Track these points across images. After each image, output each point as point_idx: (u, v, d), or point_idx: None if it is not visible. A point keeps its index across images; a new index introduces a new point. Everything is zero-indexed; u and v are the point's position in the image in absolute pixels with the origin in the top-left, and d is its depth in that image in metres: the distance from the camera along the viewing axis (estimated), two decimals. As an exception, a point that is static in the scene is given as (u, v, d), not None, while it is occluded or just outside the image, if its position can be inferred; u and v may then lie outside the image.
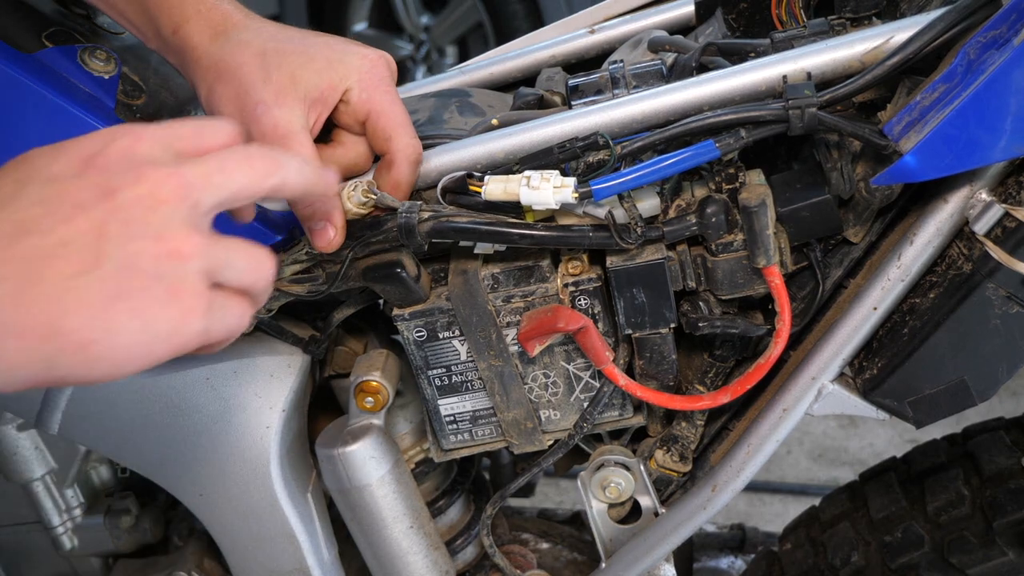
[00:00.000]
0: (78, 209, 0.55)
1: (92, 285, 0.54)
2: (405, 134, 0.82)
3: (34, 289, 0.53)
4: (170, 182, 0.57)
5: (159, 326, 0.57)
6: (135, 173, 0.57)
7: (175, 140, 0.61)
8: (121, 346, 0.56)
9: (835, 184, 0.82)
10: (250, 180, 0.62)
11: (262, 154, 0.64)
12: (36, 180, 0.56)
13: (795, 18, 0.91)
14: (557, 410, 0.94)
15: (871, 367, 0.87)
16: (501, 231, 0.81)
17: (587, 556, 1.18)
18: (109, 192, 0.56)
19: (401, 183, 0.83)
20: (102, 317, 0.55)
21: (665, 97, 0.81)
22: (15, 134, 0.84)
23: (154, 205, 0.57)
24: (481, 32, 3.62)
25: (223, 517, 1.02)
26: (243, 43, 0.79)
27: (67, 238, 0.54)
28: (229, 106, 0.79)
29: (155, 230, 0.56)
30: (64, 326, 0.54)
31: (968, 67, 0.73)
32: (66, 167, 0.57)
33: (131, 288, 0.55)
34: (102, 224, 0.55)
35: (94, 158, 0.58)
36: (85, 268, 0.54)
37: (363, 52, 0.82)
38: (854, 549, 1.07)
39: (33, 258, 0.54)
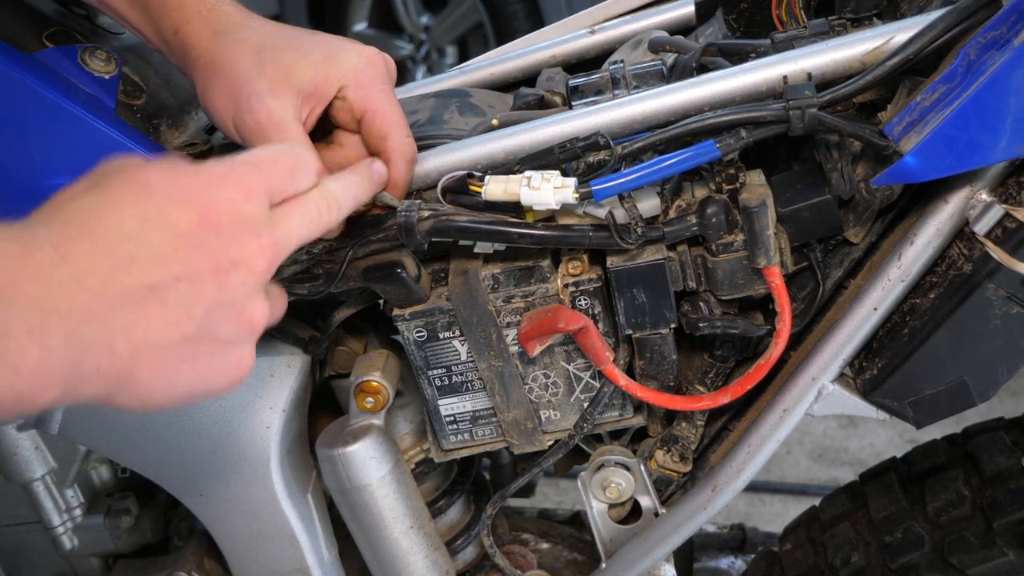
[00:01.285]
0: (185, 270, 0.57)
1: (172, 348, 0.57)
2: (400, 133, 0.82)
3: (122, 342, 0.55)
4: (265, 255, 0.61)
5: (213, 383, 0.61)
6: (239, 241, 0.60)
7: (274, 190, 0.64)
8: (173, 396, 0.59)
9: (835, 184, 0.82)
10: (319, 231, 0.67)
11: (329, 205, 0.68)
12: (156, 223, 0.57)
13: (795, 18, 0.91)
14: (557, 410, 0.94)
15: (871, 367, 0.87)
16: (501, 230, 0.81)
17: (587, 556, 1.18)
18: (214, 256, 0.58)
19: (398, 182, 0.83)
20: (170, 377, 0.58)
21: (665, 97, 0.81)
22: (16, 134, 0.84)
23: (248, 277, 0.60)
24: (481, 32, 3.61)
25: (223, 517, 1.02)
26: (241, 40, 0.80)
27: (167, 298, 0.56)
28: (223, 99, 0.80)
29: (241, 301, 0.60)
30: (134, 378, 0.56)
31: (968, 68, 0.73)
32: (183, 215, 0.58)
33: (202, 352, 0.59)
34: (202, 288, 0.58)
35: (207, 211, 0.59)
36: (176, 329, 0.57)
37: (361, 50, 0.82)
38: (854, 549, 1.07)
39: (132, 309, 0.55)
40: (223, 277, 0.59)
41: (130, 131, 0.85)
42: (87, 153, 0.84)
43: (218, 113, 0.81)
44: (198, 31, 0.80)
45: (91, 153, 0.84)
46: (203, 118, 0.98)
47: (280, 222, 0.63)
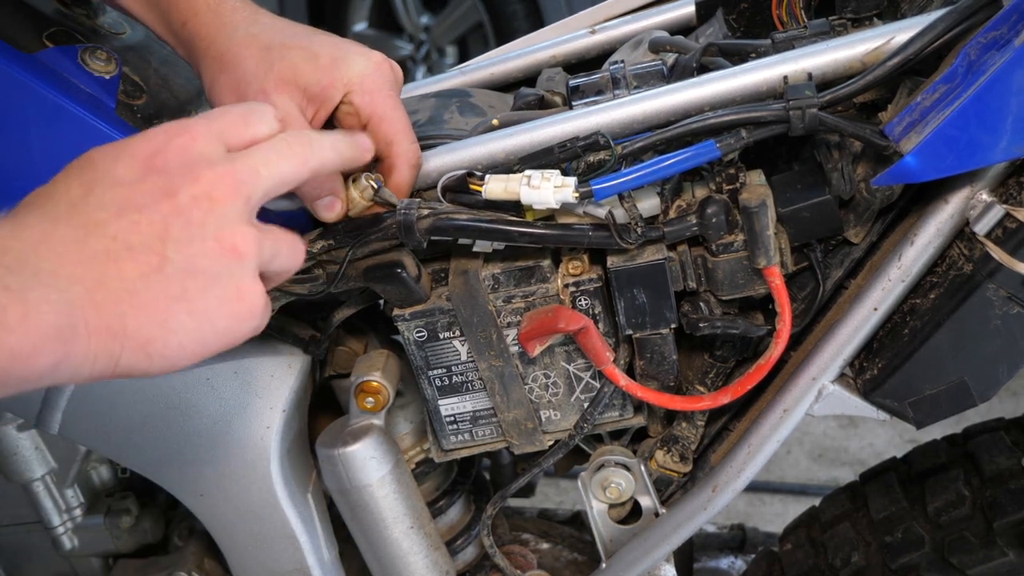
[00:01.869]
0: (141, 213, 0.58)
1: (154, 287, 0.57)
2: (406, 139, 0.82)
3: (102, 290, 0.56)
4: (225, 181, 0.61)
5: (217, 324, 0.60)
6: (192, 174, 0.60)
7: (225, 134, 0.64)
8: (177, 344, 0.59)
9: (836, 185, 0.82)
10: (293, 167, 0.66)
11: (299, 140, 0.67)
12: (101, 183, 0.59)
13: (796, 19, 0.91)
14: (557, 410, 0.94)
15: (871, 367, 0.87)
16: (501, 229, 0.81)
17: (587, 556, 1.18)
18: (169, 194, 0.59)
19: (401, 186, 0.83)
20: (163, 317, 0.58)
21: (666, 97, 0.81)
22: (16, 134, 0.84)
23: (211, 206, 0.60)
24: (481, 32, 3.61)
25: (223, 517, 1.02)
26: (250, 36, 0.80)
27: (132, 241, 0.57)
28: (230, 95, 0.80)
29: (214, 230, 0.59)
30: (128, 326, 0.56)
31: (969, 68, 0.73)
32: (128, 169, 0.59)
33: (191, 289, 0.58)
34: (164, 227, 0.58)
35: (153, 158, 0.60)
36: (149, 270, 0.57)
37: (368, 55, 0.82)
38: (854, 549, 1.07)
39: (101, 260, 0.56)
40: (185, 212, 0.59)
41: (130, 131, 0.85)
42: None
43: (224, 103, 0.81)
44: (207, 24, 0.80)
45: (91, 153, 0.84)
46: (203, 118, 0.98)
47: (239, 157, 0.63)
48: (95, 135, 0.84)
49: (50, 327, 0.53)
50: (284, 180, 0.65)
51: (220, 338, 0.61)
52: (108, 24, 0.96)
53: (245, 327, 0.61)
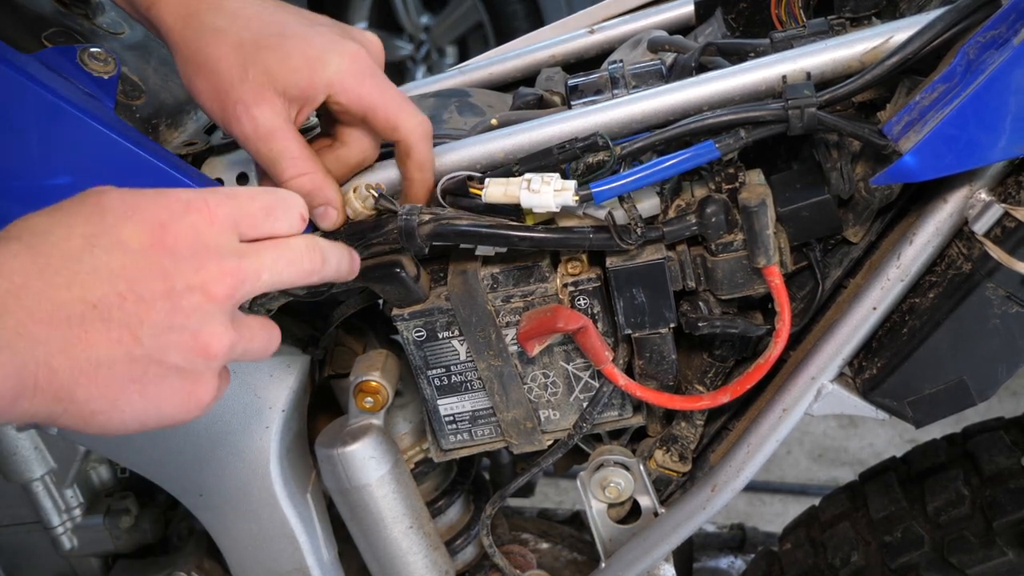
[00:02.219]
0: (132, 288, 0.57)
1: (117, 367, 0.56)
2: (410, 116, 0.80)
3: (63, 357, 0.54)
4: (225, 281, 0.60)
5: (164, 409, 0.59)
6: (196, 263, 0.59)
7: (245, 224, 0.63)
8: (119, 420, 0.58)
9: (835, 184, 0.82)
10: (294, 277, 0.65)
11: (311, 253, 0.67)
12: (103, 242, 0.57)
13: (795, 18, 0.91)
14: (556, 410, 0.94)
15: (871, 367, 0.87)
16: (502, 234, 0.81)
17: (587, 556, 1.18)
18: (166, 277, 0.58)
19: (424, 163, 0.82)
20: (114, 398, 0.57)
21: (665, 97, 0.81)
22: (15, 134, 0.83)
23: (202, 301, 0.59)
24: (481, 32, 3.61)
25: (223, 517, 1.02)
26: (219, 31, 0.76)
27: (111, 314, 0.56)
28: (210, 102, 0.78)
29: (195, 325, 0.58)
30: (78, 396, 0.55)
31: (967, 67, 0.73)
32: (135, 235, 0.58)
33: (151, 375, 0.58)
34: (148, 309, 0.57)
35: (164, 231, 0.58)
36: (118, 349, 0.56)
37: (343, 49, 0.78)
38: (854, 549, 1.07)
39: (74, 325, 0.55)
40: (175, 299, 0.58)
41: (129, 131, 0.84)
42: (86, 153, 0.84)
43: (206, 109, 0.79)
44: (171, 11, 0.77)
45: (90, 153, 0.84)
46: (202, 118, 0.98)
47: (249, 255, 0.62)
48: (94, 135, 0.84)
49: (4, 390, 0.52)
50: (278, 285, 0.65)
51: (159, 422, 0.60)
52: (107, 24, 0.96)
53: (186, 418, 0.61)
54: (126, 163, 0.84)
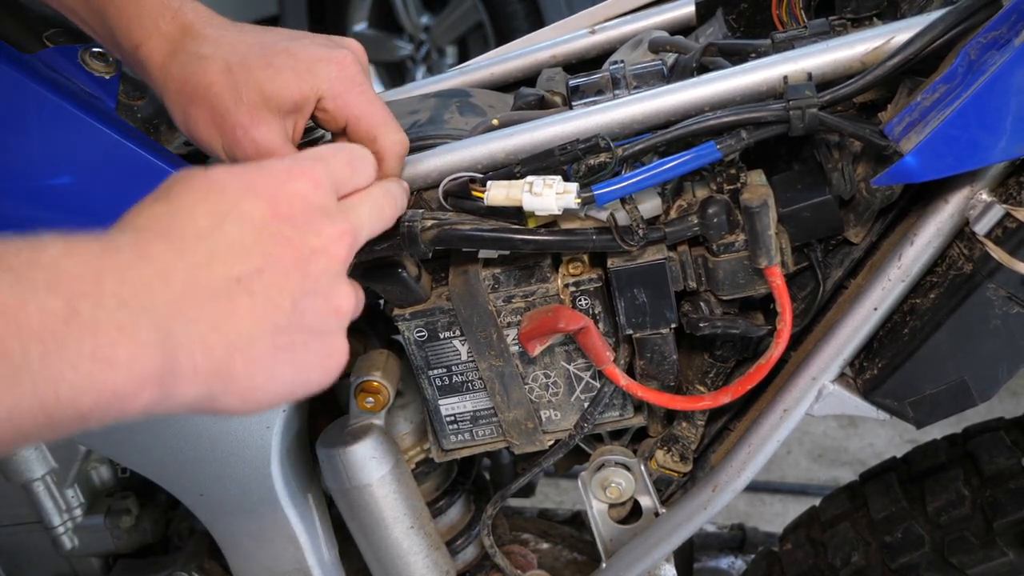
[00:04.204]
0: (267, 259, 0.58)
1: (267, 338, 0.57)
2: (390, 131, 0.82)
3: (216, 335, 0.55)
4: (343, 240, 0.62)
5: (310, 376, 0.61)
6: (314, 227, 0.61)
7: (338, 182, 0.66)
8: (273, 392, 0.59)
9: (836, 184, 0.82)
10: (384, 223, 0.70)
11: (389, 195, 0.71)
12: (231, 217, 0.58)
13: (796, 18, 0.91)
14: (558, 410, 0.94)
15: (871, 367, 0.87)
16: (505, 238, 0.81)
17: (587, 556, 1.18)
18: (293, 245, 0.59)
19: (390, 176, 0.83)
20: (268, 367, 0.58)
21: (666, 98, 0.81)
22: (16, 134, 0.84)
23: (328, 263, 0.61)
24: (481, 32, 3.61)
25: (223, 517, 1.02)
26: (205, 59, 0.77)
27: (254, 288, 0.57)
28: (207, 130, 0.78)
29: (325, 286, 0.60)
30: (236, 372, 0.56)
31: (969, 68, 0.73)
32: (255, 207, 0.59)
33: (299, 342, 0.59)
34: (285, 277, 0.58)
35: (277, 201, 0.60)
36: (265, 319, 0.57)
37: (330, 56, 0.80)
38: (854, 549, 1.07)
39: (221, 302, 0.55)
40: (305, 266, 0.59)
41: (131, 131, 0.85)
42: (88, 154, 0.84)
43: (205, 142, 0.79)
44: (158, 49, 0.78)
45: (92, 154, 0.84)
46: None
47: (351, 211, 0.65)
48: (95, 136, 0.84)
49: (156, 370, 0.51)
50: (377, 229, 0.68)
51: (307, 389, 0.61)
52: (108, 24, 0.96)
53: (329, 379, 0.62)
54: (127, 163, 0.84)
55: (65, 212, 0.85)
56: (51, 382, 0.47)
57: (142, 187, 0.85)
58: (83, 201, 0.85)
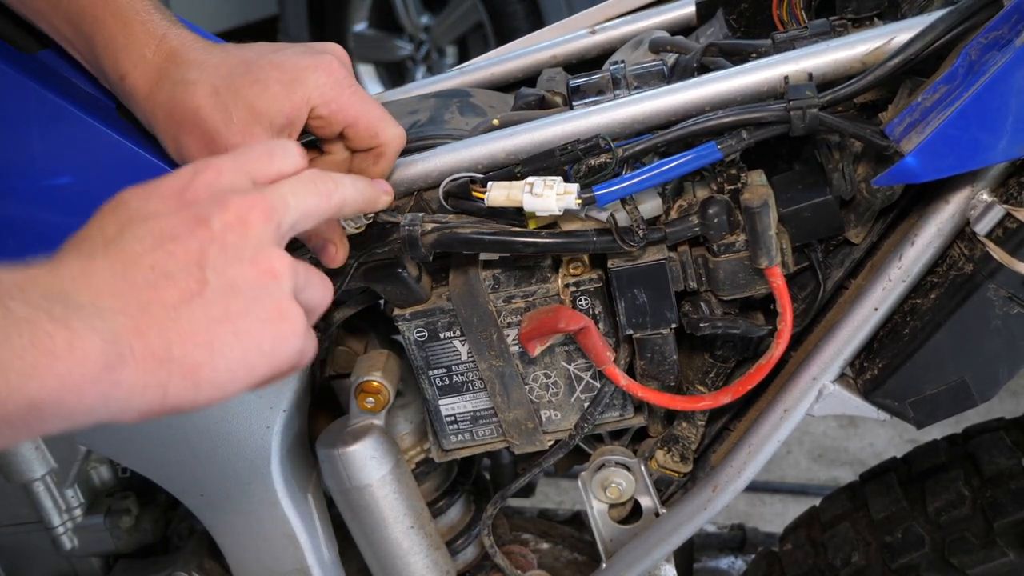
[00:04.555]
0: (177, 242, 0.58)
1: (196, 311, 0.57)
2: (389, 126, 0.82)
3: (145, 317, 0.55)
4: (256, 207, 0.61)
5: (262, 345, 0.60)
6: (222, 203, 0.61)
7: (252, 169, 0.65)
8: (225, 368, 0.58)
9: (836, 185, 0.82)
10: (318, 200, 0.67)
11: (323, 176, 0.69)
12: (135, 219, 0.59)
13: (796, 19, 0.91)
14: (558, 410, 0.94)
15: (872, 368, 0.87)
16: (506, 241, 0.81)
17: (587, 556, 1.18)
18: (202, 222, 0.59)
19: (388, 171, 0.84)
20: (207, 341, 0.57)
21: (666, 98, 0.81)
22: (16, 134, 0.83)
23: (245, 230, 0.60)
24: (481, 32, 3.61)
25: (223, 517, 1.02)
26: (191, 84, 0.77)
27: (170, 269, 0.57)
28: (201, 155, 0.78)
29: (250, 253, 0.60)
30: (174, 352, 0.56)
31: (969, 68, 0.73)
32: (159, 204, 0.60)
33: (233, 310, 0.59)
34: (200, 252, 0.59)
35: (183, 193, 0.61)
36: (190, 295, 0.57)
37: (316, 65, 0.79)
38: (854, 549, 1.07)
39: (141, 289, 0.56)
40: (220, 238, 0.59)
41: (131, 131, 0.84)
42: (88, 154, 0.84)
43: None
44: (144, 80, 0.79)
45: (92, 153, 0.84)
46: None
47: (268, 189, 0.64)
48: (96, 136, 0.84)
49: (98, 354, 0.53)
50: (310, 212, 0.66)
51: (267, 361, 0.60)
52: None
53: (289, 347, 0.61)
54: (127, 163, 0.84)
55: (65, 212, 0.85)
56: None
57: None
58: (83, 201, 0.85)
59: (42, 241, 0.86)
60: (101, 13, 0.79)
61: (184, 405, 0.58)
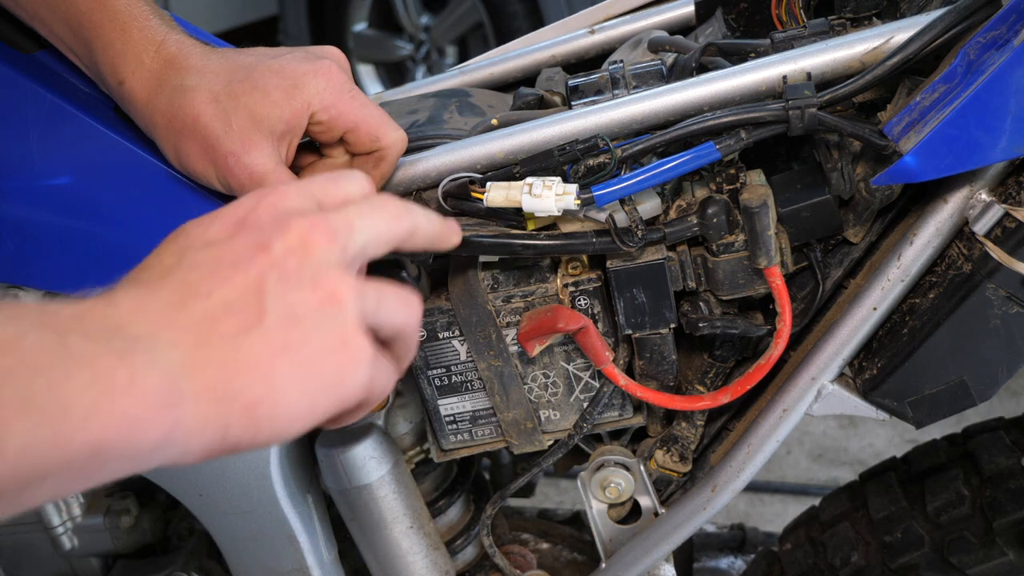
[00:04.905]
0: (236, 269, 0.55)
1: (256, 342, 0.53)
2: (390, 129, 0.82)
3: (202, 351, 0.52)
4: (318, 228, 0.57)
5: (324, 378, 0.55)
6: (284, 226, 0.57)
7: (317, 192, 0.62)
8: (285, 404, 0.54)
9: (835, 184, 0.82)
10: (387, 224, 0.62)
11: (394, 201, 0.64)
12: (194, 247, 0.56)
13: (795, 18, 0.91)
14: (557, 410, 0.94)
15: (871, 367, 0.87)
16: (505, 243, 0.81)
17: (587, 556, 1.18)
18: (262, 247, 0.56)
19: (389, 174, 0.84)
20: (267, 374, 0.53)
21: (665, 97, 0.81)
22: (15, 134, 0.84)
23: (306, 253, 0.56)
24: (481, 32, 3.61)
25: (223, 517, 1.02)
26: (191, 91, 0.77)
27: (229, 298, 0.54)
28: (200, 163, 0.78)
29: (310, 278, 0.56)
30: (232, 388, 0.52)
31: (968, 67, 0.73)
32: (220, 231, 0.57)
33: (293, 340, 0.54)
34: (260, 279, 0.55)
35: (245, 219, 0.58)
36: (249, 325, 0.54)
37: (315, 70, 0.79)
38: (854, 549, 1.07)
39: (198, 321, 0.53)
40: (280, 264, 0.55)
41: (129, 131, 0.85)
42: (87, 153, 0.84)
43: (200, 175, 0.79)
44: (142, 85, 0.78)
45: (91, 153, 0.84)
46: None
47: (333, 212, 0.60)
48: (94, 135, 0.84)
49: (158, 391, 0.49)
50: (380, 235, 0.62)
51: (329, 394, 0.56)
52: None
53: (354, 379, 0.57)
54: (126, 163, 0.84)
55: (64, 212, 0.85)
56: (59, 412, 0.46)
57: (141, 187, 0.85)
58: (82, 201, 0.85)
59: (41, 241, 0.86)
60: (99, 19, 0.78)
61: (243, 444, 0.54)
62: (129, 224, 0.86)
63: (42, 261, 0.87)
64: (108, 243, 0.86)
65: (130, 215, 0.85)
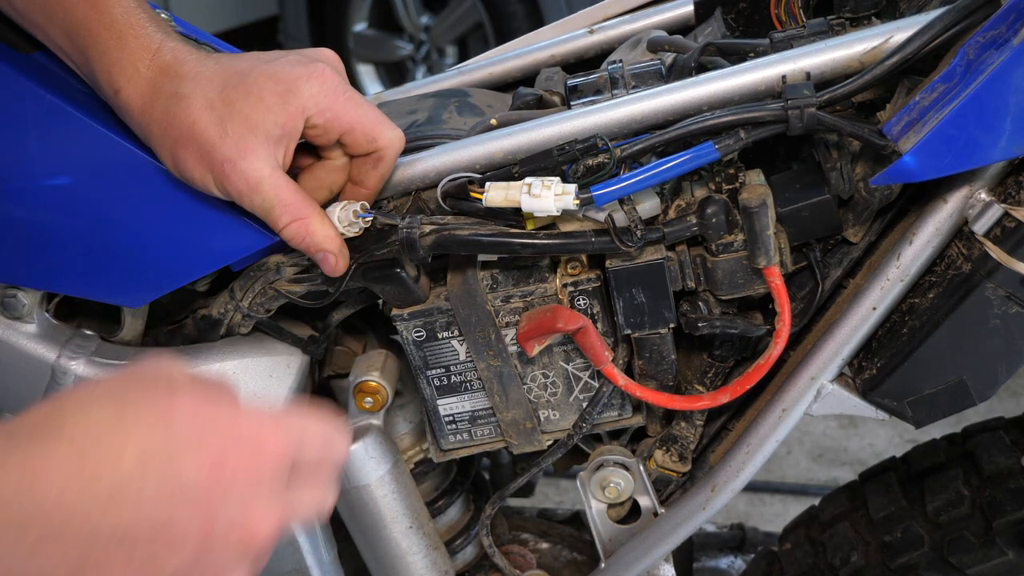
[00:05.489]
0: (168, 526, 0.51)
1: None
2: (387, 129, 0.81)
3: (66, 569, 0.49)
4: (264, 531, 0.55)
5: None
6: (244, 512, 0.54)
7: (304, 453, 0.58)
8: None
9: (835, 184, 0.82)
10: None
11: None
12: (157, 466, 0.51)
13: (794, 18, 0.91)
14: (556, 410, 0.94)
15: (870, 367, 0.87)
16: (504, 242, 0.81)
17: (586, 556, 1.18)
18: (208, 519, 0.52)
19: (388, 174, 0.83)
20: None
21: (664, 97, 0.81)
22: (12, 134, 0.83)
23: (237, 548, 0.54)
24: (481, 32, 3.61)
25: (222, 517, 1.02)
26: (186, 98, 0.76)
27: (136, 551, 0.51)
28: (198, 169, 0.78)
29: (220, 567, 0.54)
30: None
31: (967, 67, 0.73)
32: (192, 467, 0.52)
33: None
34: (177, 551, 0.52)
35: (223, 465, 0.53)
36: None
37: (309, 73, 0.78)
38: (854, 549, 1.07)
39: (97, 546, 0.50)
40: (209, 543, 0.53)
41: (129, 131, 0.84)
42: (85, 153, 0.84)
43: (198, 182, 0.79)
44: (138, 94, 0.77)
45: (89, 153, 0.84)
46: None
47: (292, 498, 0.57)
48: (93, 135, 0.84)
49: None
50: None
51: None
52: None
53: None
54: (125, 163, 0.84)
55: (63, 212, 0.85)
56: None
57: (141, 187, 0.85)
58: (81, 201, 0.85)
59: (41, 241, 0.86)
60: (96, 27, 0.78)
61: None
62: (128, 224, 0.86)
63: (41, 261, 0.87)
64: (108, 243, 0.86)
65: (129, 215, 0.85)
